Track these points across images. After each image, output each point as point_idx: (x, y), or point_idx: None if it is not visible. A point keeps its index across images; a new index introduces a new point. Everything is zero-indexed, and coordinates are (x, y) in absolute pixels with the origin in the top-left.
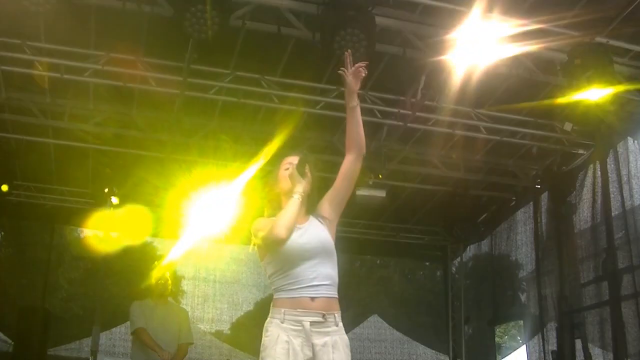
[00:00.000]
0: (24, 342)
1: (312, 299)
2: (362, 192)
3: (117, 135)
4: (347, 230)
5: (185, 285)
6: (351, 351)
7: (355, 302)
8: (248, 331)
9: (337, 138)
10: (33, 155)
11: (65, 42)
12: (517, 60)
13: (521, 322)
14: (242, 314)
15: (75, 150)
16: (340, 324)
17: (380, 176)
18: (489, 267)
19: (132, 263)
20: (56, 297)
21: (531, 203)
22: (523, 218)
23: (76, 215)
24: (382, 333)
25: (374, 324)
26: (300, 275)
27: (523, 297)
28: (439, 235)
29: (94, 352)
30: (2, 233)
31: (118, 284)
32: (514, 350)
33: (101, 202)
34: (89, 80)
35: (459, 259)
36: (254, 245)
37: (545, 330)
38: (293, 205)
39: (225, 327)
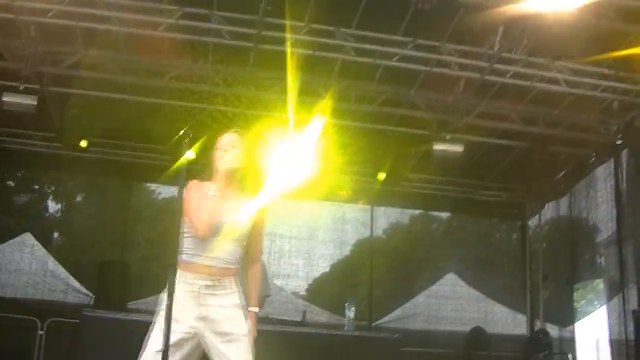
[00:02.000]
0: (104, 295)
1: (208, 266)
2: (439, 147)
3: (192, 91)
4: (423, 186)
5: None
6: (427, 308)
7: (431, 262)
8: (324, 287)
9: (413, 92)
10: (110, 112)
11: None
12: (598, 8)
13: (599, 286)
14: (318, 270)
15: (151, 107)
16: (235, 288)
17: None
18: (567, 226)
19: None
20: (135, 256)
21: (612, 159)
22: (603, 175)
23: (153, 171)
24: (458, 291)
25: (450, 282)
26: (203, 245)
27: (602, 257)
28: (516, 192)
29: (170, 295)
30: (83, 194)
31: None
32: (590, 314)
33: (178, 158)
34: (163, 35)
35: (536, 217)
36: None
37: (625, 290)
38: (209, 204)
39: (301, 283)
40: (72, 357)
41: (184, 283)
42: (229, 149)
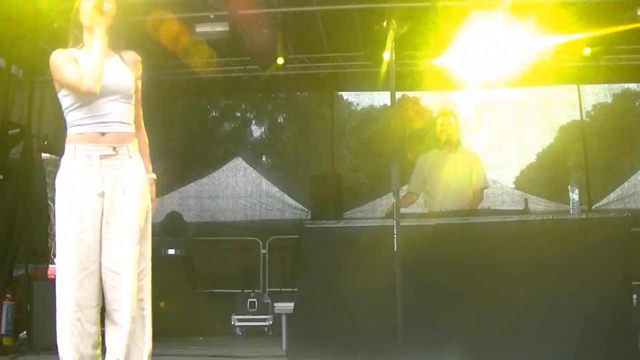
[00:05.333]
0: (320, 208)
1: (103, 134)
2: None
3: None
4: (629, 57)
5: (469, 135)
6: None
7: None
8: (538, 175)
9: None
10: (301, 26)
11: None
12: None
13: None
14: (530, 157)
15: (341, 14)
16: (135, 155)
17: None
18: None
19: (411, 124)
20: (342, 169)
21: None
22: None
23: (352, 80)
24: None
25: None
26: (93, 111)
27: None
28: None
29: (396, 192)
30: (284, 113)
31: (400, 147)
32: None
33: (376, 62)
34: None
35: None
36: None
37: None
38: (97, 52)
39: (515, 173)
40: (296, 270)
41: (79, 156)
42: (106, 3)
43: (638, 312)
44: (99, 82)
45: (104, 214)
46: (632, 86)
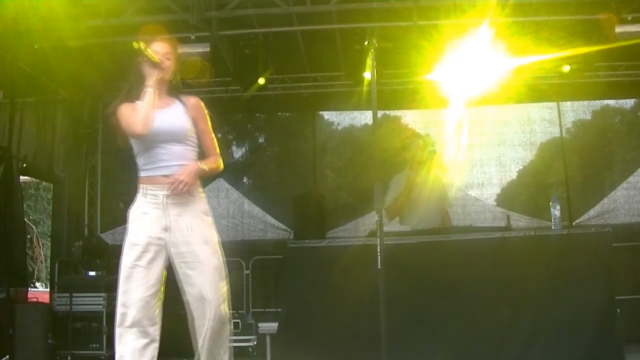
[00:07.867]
0: (302, 228)
1: (165, 176)
2: (621, 29)
3: (361, 12)
4: (608, 74)
5: (451, 153)
6: (627, 201)
7: (621, 154)
8: (519, 191)
9: None
10: (281, 45)
11: None
12: None
13: None
14: (511, 174)
15: (321, 34)
16: (198, 193)
17: None
18: None
19: (392, 143)
20: (324, 188)
21: None
22: None
23: (334, 100)
24: None
25: None
26: (155, 156)
27: None
28: None
29: (379, 210)
30: (265, 134)
31: (382, 166)
32: None
33: (357, 82)
34: None
35: None
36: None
37: None
38: (146, 101)
39: (496, 190)
40: (279, 290)
41: (149, 195)
42: (166, 59)
43: (622, 326)
44: (146, 126)
45: (170, 247)
46: (611, 102)
